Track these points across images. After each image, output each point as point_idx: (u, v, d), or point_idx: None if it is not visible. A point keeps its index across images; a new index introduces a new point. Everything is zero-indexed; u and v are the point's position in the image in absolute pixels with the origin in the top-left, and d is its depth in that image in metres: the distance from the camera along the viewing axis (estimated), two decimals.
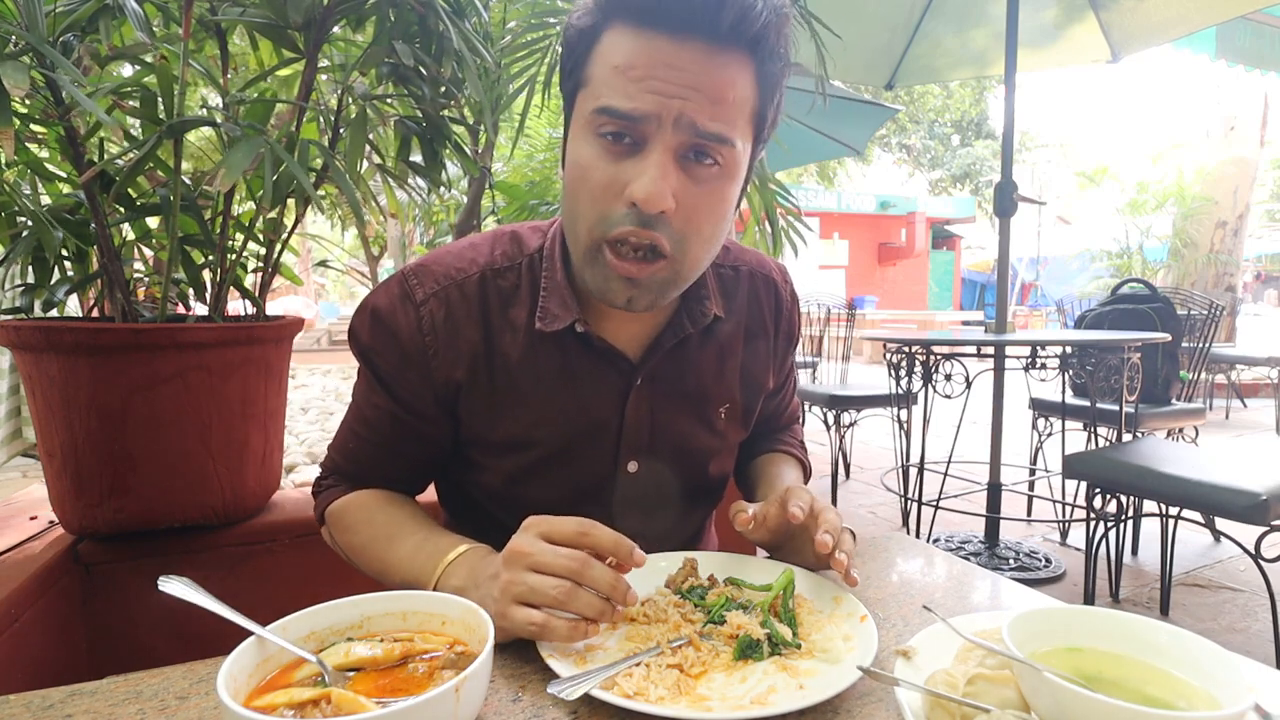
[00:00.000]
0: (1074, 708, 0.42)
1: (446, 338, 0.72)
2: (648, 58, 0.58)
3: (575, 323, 0.71)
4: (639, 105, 0.58)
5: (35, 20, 0.99)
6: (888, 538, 0.90)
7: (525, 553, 0.57)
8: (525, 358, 0.73)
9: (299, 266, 6.00)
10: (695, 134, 0.59)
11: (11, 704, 0.53)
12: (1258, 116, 7.09)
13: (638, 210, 0.60)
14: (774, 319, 0.87)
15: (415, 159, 1.50)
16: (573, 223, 0.66)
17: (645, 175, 0.59)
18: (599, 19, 0.61)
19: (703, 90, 0.58)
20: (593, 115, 0.61)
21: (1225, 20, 3.35)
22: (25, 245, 1.20)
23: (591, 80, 0.62)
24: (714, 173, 0.62)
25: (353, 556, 0.78)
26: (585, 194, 0.62)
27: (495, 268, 0.74)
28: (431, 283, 0.73)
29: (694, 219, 0.62)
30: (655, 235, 0.61)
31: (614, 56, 0.60)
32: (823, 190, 15.99)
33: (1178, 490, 1.89)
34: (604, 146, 0.61)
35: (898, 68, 3.92)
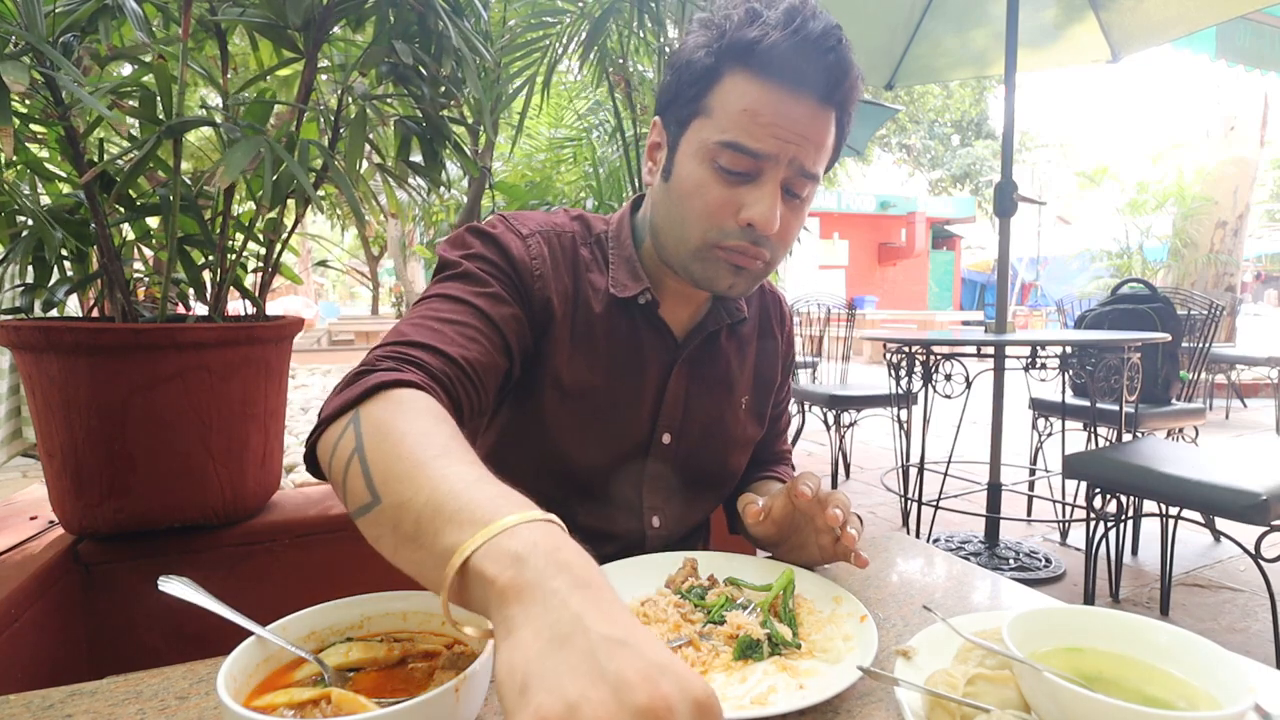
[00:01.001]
0: (1074, 708, 0.42)
1: (550, 269, 0.79)
2: (774, 108, 0.69)
3: (643, 293, 0.81)
4: (765, 147, 0.70)
5: (35, 20, 0.99)
6: (888, 538, 0.90)
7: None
8: (603, 315, 0.82)
9: (299, 266, 6.00)
10: (799, 173, 0.72)
11: (11, 704, 0.53)
12: (1258, 116, 7.09)
13: (752, 230, 0.72)
14: (779, 327, 0.99)
15: (415, 159, 1.50)
16: (679, 226, 0.76)
17: (763, 204, 0.71)
18: (722, 62, 0.71)
19: (811, 139, 0.71)
20: (717, 147, 0.71)
21: (1225, 20, 3.35)
22: (25, 245, 1.20)
23: (714, 113, 0.72)
24: (803, 201, 0.76)
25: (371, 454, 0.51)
26: (700, 206, 0.73)
27: (579, 236, 0.85)
28: (534, 224, 0.82)
29: (786, 237, 0.76)
30: (762, 251, 0.74)
31: (741, 100, 0.70)
32: (823, 190, 15.91)
33: (1178, 490, 1.89)
34: (721, 171, 0.72)
35: (898, 68, 3.92)
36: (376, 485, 0.48)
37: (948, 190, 20.34)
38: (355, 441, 0.52)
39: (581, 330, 0.81)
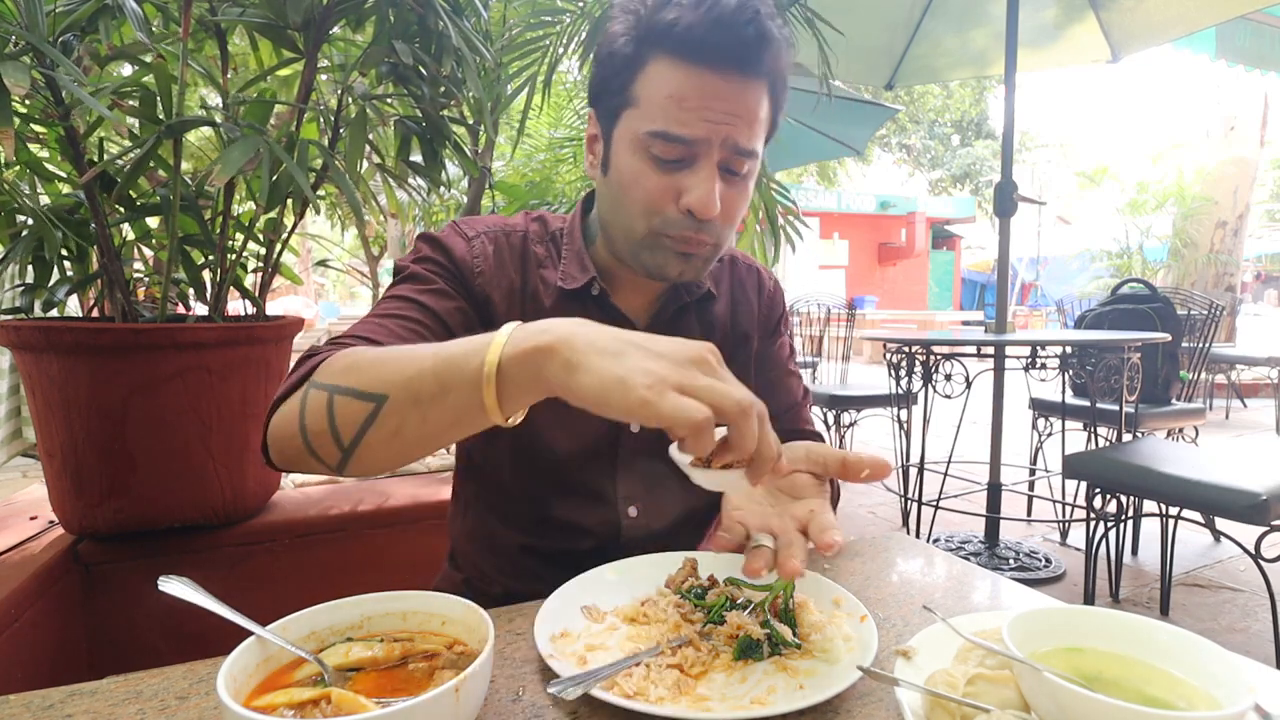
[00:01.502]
0: (1074, 708, 0.42)
1: (493, 267, 0.81)
2: (699, 91, 0.68)
3: (592, 284, 0.81)
4: (695, 132, 0.69)
5: (35, 20, 0.99)
6: (888, 538, 0.90)
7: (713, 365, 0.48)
8: (553, 309, 0.82)
9: (299, 266, 5.99)
10: (735, 151, 0.71)
11: (11, 704, 0.53)
12: (1258, 116, 7.09)
13: (692, 216, 0.71)
14: (757, 296, 0.96)
15: (415, 159, 1.50)
16: (622, 217, 0.76)
17: (700, 189, 0.70)
18: (642, 48, 0.70)
19: (741, 116, 0.70)
20: (647, 136, 0.70)
21: (1225, 20, 3.35)
22: (25, 245, 1.20)
23: (642, 103, 0.71)
24: (744, 178, 0.75)
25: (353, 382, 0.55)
26: (639, 197, 0.73)
27: (533, 235, 0.86)
28: (481, 225, 0.84)
29: (731, 216, 0.75)
30: (705, 236, 0.73)
31: (666, 87, 0.69)
32: (823, 190, 15.97)
33: (1178, 490, 1.89)
34: (656, 160, 0.71)
35: (898, 68, 3.92)
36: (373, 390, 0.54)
37: (948, 190, 20.34)
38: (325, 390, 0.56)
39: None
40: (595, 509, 0.84)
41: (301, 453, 0.58)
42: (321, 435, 0.56)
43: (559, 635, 0.61)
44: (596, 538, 0.84)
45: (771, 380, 0.95)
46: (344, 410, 0.55)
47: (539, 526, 0.85)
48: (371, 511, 1.42)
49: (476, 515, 0.90)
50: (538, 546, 0.85)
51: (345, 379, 0.56)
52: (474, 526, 0.90)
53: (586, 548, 0.84)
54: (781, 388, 0.96)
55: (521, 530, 0.86)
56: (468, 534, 0.92)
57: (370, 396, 0.54)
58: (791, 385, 0.97)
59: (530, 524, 0.85)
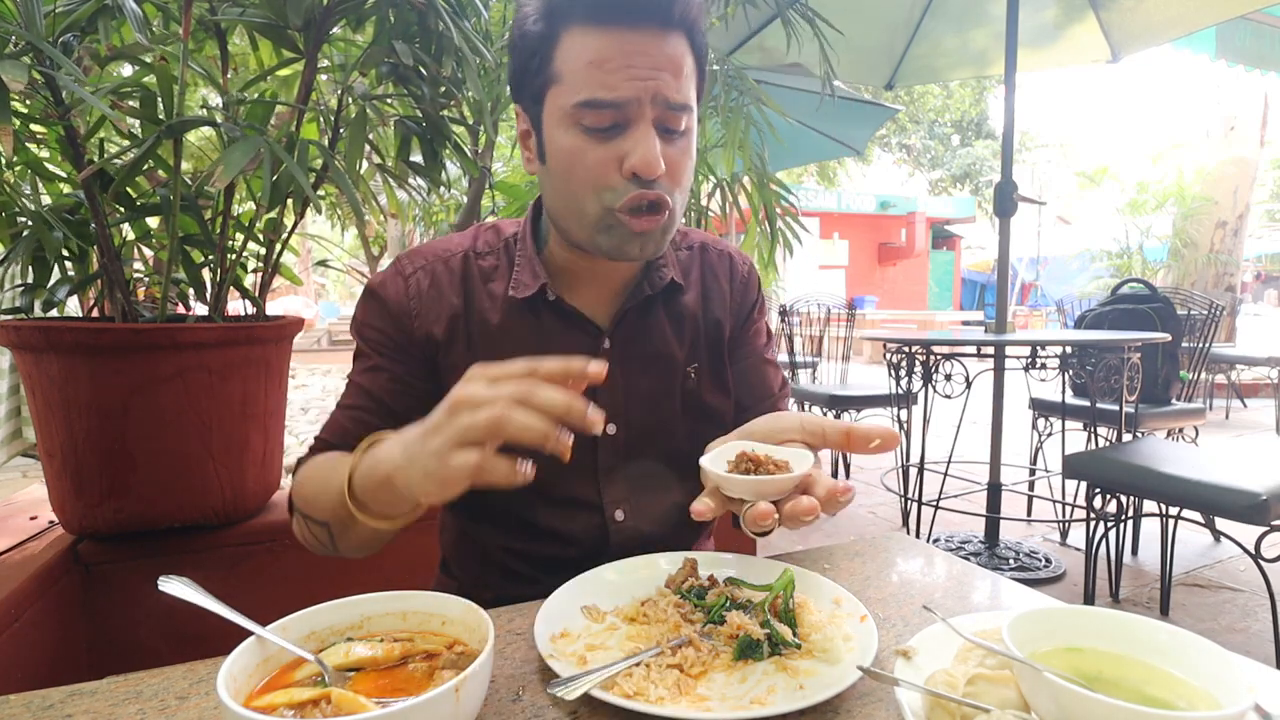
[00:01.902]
0: (1074, 708, 0.42)
1: (429, 301, 0.81)
2: (618, 50, 0.67)
3: (545, 289, 0.80)
4: (622, 93, 0.67)
5: (34, 20, 0.99)
6: (888, 538, 0.90)
7: (465, 397, 0.51)
8: (503, 323, 0.81)
9: (299, 266, 5.99)
10: (667, 106, 0.69)
11: (11, 704, 0.53)
12: (1258, 116, 7.09)
13: (638, 179, 0.69)
14: (729, 282, 0.93)
15: (415, 159, 1.50)
16: (572, 202, 0.74)
17: (640, 148, 0.68)
18: (553, 24, 0.69)
19: (666, 69, 0.68)
20: (575, 109, 0.69)
21: (1225, 20, 3.36)
22: (25, 245, 1.20)
23: (564, 77, 0.69)
24: (683, 135, 0.73)
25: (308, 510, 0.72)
26: (582, 175, 0.71)
27: (478, 250, 0.85)
28: (420, 259, 0.84)
29: (677, 175, 0.73)
30: (656, 195, 0.71)
31: (584, 54, 0.68)
32: (823, 190, 15.98)
33: (1178, 490, 1.89)
34: (589, 132, 0.69)
35: (898, 68, 3.92)
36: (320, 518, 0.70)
37: (948, 190, 20.34)
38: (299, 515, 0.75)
39: (480, 346, 0.80)
40: (581, 515, 0.83)
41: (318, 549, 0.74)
42: (315, 545, 0.74)
43: (559, 635, 0.61)
44: (585, 544, 0.83)
45: (746, 369, 0.93)
46: (314, 531, 0.72)
47: (526, 535, 0.84)
48: None
49: (463, 525, 0.89)
50: (527, 553, 0.85)
51: (304, 505, 0.73)
52: (461, 535, 0.90)
53: (576, 554, 0.82)
54: (757, 377, 0.93)
55: (509, 538, 0.85)
56: (456, 542, 0.91)
57: (320, 523, 0.70)
58: (768, 374, 0.94)
59: (517, 533, 0.84)
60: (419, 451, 0.52)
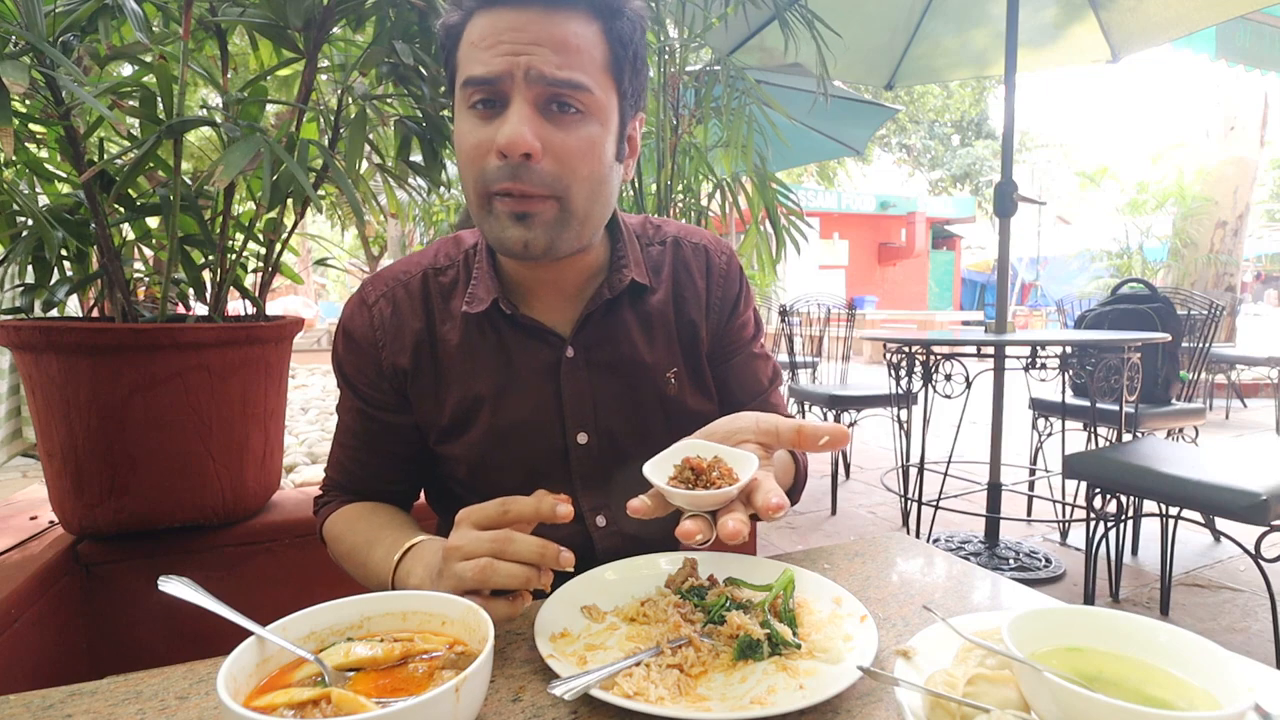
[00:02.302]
0: (1074, 708, 0.42)
1: (393, 330, 0.81)
2: (494, 27, 0.66)
3: (499, 302, 0.78)
4: (491, 68, 0.66)
5: (35, 20, 0.99)
6: (888, 537, 0.90)
7: (454, 546, 0.61)
8: (463, 341, 0.80)
9: (299, 266, 5.99)
10: (547, 83, 0.66)
11: (11, 704, 0.53)
12: (1258, 116, 7.09)
13: (509, 161, 0.66)
14: (705, 278, 0.89)
15: (415, 159, 1.50)
16: (466, 190, 0.72)
17: (506, 126, 0.66)
18: (463, 16, 0.69)
19: (545, 44, 0.66)
20: (460, 90, 0.69)
21: (1225, 20, 3.35)
22: (25, 245, 1.20)
23: (460, 64, 0.70)
24: (577, 118, 0.69)
25: (345, 565, 0.82)
26: (465, 158, 0.70)
27: (436, 267, 0.84)
28: (381, 285, 0.83)
29: (567, 161, 0.68)
30: (525, 185, 0.67)
31: (471, 37, 0.68)
32: (823, 190, 15.97)
33: (1178, 490, 1.89)
34: (477, 116, 0.69)
35: (898, 68, 3.92)
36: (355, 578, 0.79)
37: (948, 190, 20.34)
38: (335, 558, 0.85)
39: (444, 367, 0.81)
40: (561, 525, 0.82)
41: None
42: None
43: (559, 635, 0.61)
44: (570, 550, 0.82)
45: (735, 366, 0.89)
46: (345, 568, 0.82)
47: None
48: None
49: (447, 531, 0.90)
50: None
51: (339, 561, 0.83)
52: None
53: None
54: (746, 373, 0.90)
55: None
56: None
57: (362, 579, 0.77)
58: (757, 369, 0.91)
59: None
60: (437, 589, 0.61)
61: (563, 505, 0.61)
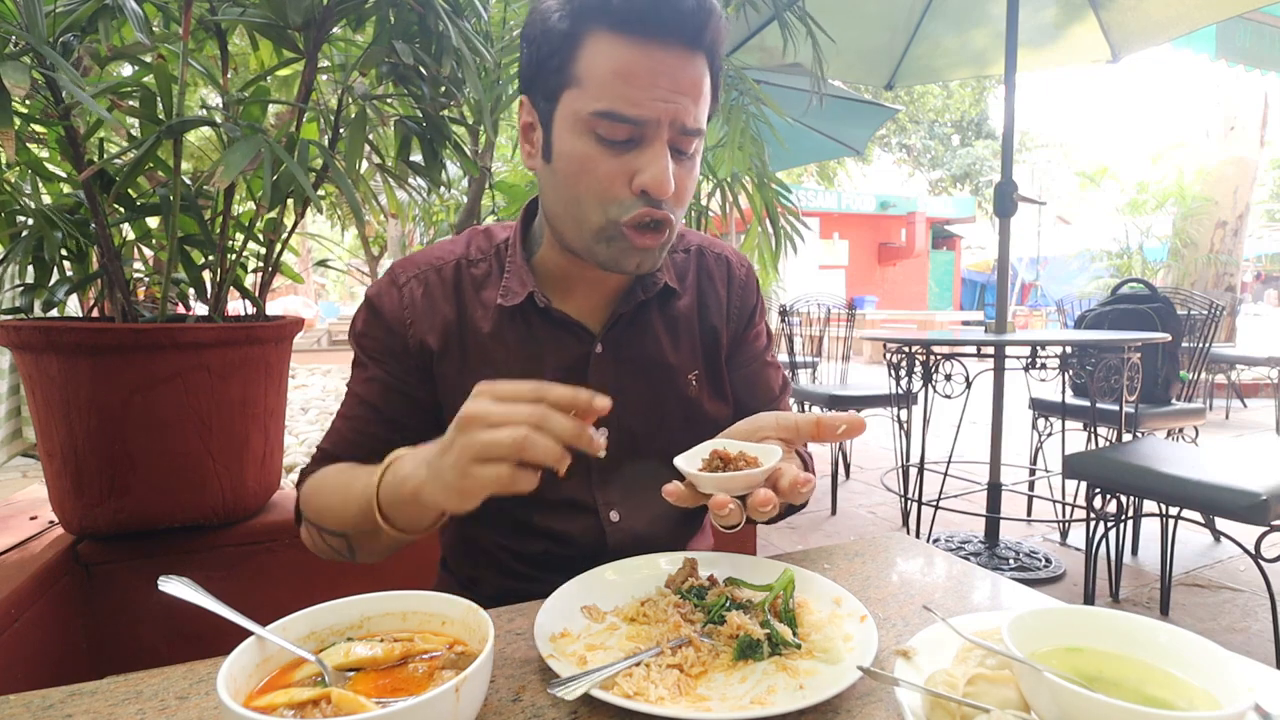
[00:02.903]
0: (1074, 708, 0.42)
1: (424, 310, 0.82)
2: (646, 67, 0.66)
3: (534, 296, 0.79)
4: (644, 112, 0.67)
5: (35, 20, 0.99)
6: (888, 537, 0.90)
7: (478, 415, 0.54)
8: (495, 331, 0.81)
9: (299, 266, 5.98)
10: (682, 132, 0.70)
11: (11, 704, 0.53)
12: (1258, 116, 7.09)
13: (647, 197, 0.70)
14: (726, 287, 0.93)
15: (415, 159, 1.50)
16: (574, 208, 0.73)
17: (655, 168, 0.68)
18: (578, 24, 0.68)
19: (689, 94, 0.69)
20: (593, 117, 0.68)
21: (1225, 19, 3.35)
22: (25, 245, 1.20)
23: (584, 82, 0.68)
24: (691, 157, 0.74)
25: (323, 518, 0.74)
26: (590, 184, 0.70)
27: (469, 258, 0.85)
28: (413, 268, 0.84)
29: (682, 196, 0.73)
30: (662, 214, 0.71)
31: (610, 63, 0.67)
32: (823, 190, 15.97)
33: (1178, 490, 1.89)
34: (606, 146, 0.69)
35: (898, 68, 3.92)
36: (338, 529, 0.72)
37: (948, 190, 20.34)
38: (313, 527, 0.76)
39: (473, 355, 0.81)
40: (578, 517, 0.83)
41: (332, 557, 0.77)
42: (329, 555, 0.76)
43: (559, 635, 0.61)
44: (582, 544, 0.83)
45: (749, 375, 0.93)
46: (331, 542, 0.74)
47: (523, 535, 0.84)
48: None
49: (461, 525, 0.89)
50: (524, 553, 0.85)
51: (317, 518, 0.75)
52: (460, 535, 0.90)
53: (573, 553, 0.82)
54: (759, 381, 0.93)
55: (506, 539, 0.85)
56: (455, 542, 0.92)
57: (339, 534, 0.72)
58: (769, 377, 0.95)
59: (514, 533, 0.84)
60: (440, 466, 0.55)
61: (600, 398, 0.55)
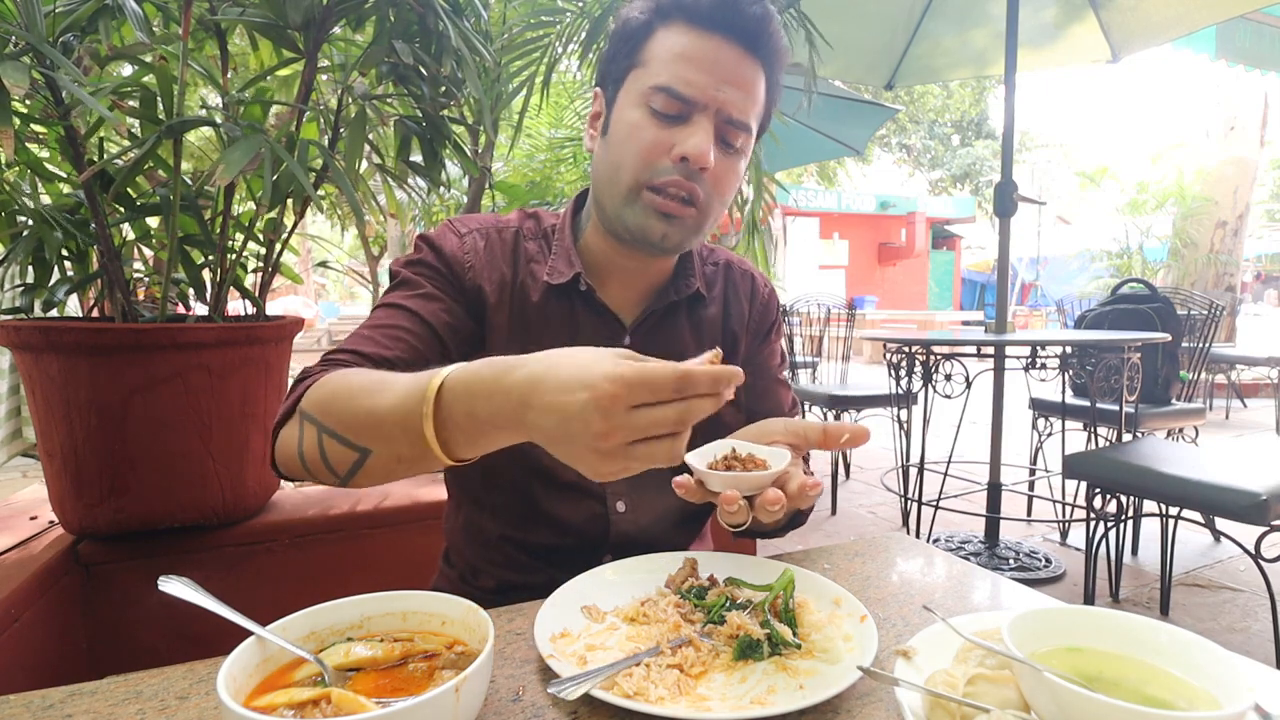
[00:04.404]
0: (1074, 708, 0.42)
1: (484, 261, 0.85)
2: (704, 53, 0.74)
3: (578, 278, 0.83)
4: (695, 93, 0.73)
5: (35, 20, 0.99)
6: (888, 538, 0.90)
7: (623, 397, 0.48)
8: (540, 304, 0.84)
9: (299, 266, 5.98)
10: (726, 120, 0.75)
11: (11, 704, 0.53)
12: (1258, 116, 7.09)
13: (685, 165, 0.74)
14: (749, 302, 0.98)
15: (415, 159, 1.50)
16: (614, 171, 0.78)
17: (696, 137, 0.73)
18: (654, 17, 0.76)
19: (739, 87, 0.75)
20: (651, 90, 0.74)
21: (1225, 20, 3.35)
22: (25, 245, 1.20)
23: (650, 63, 0.76)
24: (735, 152, 0.78)
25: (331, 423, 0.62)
26: (634, 147, 0.75)
27: (525, 233, 0.89)
28: (475, 223, 0.88)
29: (719, 184, 0.78)
30: (694, 186, 0.76)
31: (675, 46, 0.74)
32: (823, 190, 15.97)
33: (1178, 490, 1.89)
34: (656, 118, 0.75)
35: (898, 68, 3.92)
36: (360, 443, 0.60)
37: (948, 190, 20.34)
38: (315, 427, 0.64)
39: (519, 318, 0.84)
40: (583, 504, 0.85)
41: (304, 474, 0.67)
42: (318, 467, 0.64)
43: (559, 635, 0.61)
44: (585, 533, 0.85)
45: (761, 389, 0.96)
46: (335, 452, 0.62)
47: (528, 522, 0.85)
48: (370, 511, 1.42)
49: (468, 512, 0.90)
50: (528, 542, 0.86)
51: (330, 419, 0.62)
52: (465, 520, 0.91)
53: (575, 543, 0.84)
54: (771, 396, 0.97)
55: (511, 527, 0.86)
56: (460, 528, 0.92)
57: (357, 448, 0.60)
58: (780, 394, 0.98)
59: (517, 517, 0.85)
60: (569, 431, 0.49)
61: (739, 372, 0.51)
